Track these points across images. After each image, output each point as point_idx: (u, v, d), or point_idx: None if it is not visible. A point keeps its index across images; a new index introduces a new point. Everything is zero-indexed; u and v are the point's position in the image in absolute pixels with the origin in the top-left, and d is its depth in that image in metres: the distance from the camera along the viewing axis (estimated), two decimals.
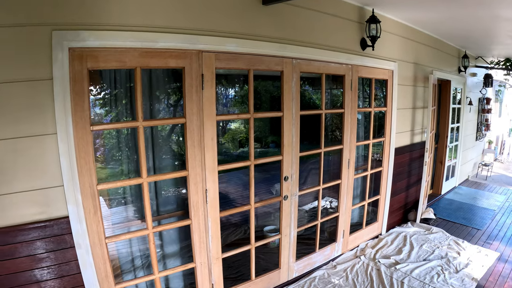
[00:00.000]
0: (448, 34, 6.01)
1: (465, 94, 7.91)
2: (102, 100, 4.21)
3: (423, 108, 6.00)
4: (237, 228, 5.43)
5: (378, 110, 4.99)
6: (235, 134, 12.00)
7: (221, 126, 12.90)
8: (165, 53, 2.76)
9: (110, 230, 4.02)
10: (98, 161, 4.16)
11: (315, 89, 9.35)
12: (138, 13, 2.61)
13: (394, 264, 4.44)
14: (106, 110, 4.35)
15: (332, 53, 3.98)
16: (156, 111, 3.78)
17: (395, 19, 4.90)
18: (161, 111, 3.99)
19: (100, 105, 4.29)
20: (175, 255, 3.94)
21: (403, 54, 5.21)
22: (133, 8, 2.59)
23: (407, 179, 5.88)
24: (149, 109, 3.62)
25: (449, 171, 7.88)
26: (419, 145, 6.02)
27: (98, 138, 4.33)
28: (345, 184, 4.51)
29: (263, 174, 7.42)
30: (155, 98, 3.72)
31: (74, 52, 2.37)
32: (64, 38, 2.31)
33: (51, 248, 2.48)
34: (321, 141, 4.12)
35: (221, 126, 12.88)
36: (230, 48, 3.09)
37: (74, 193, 2.49)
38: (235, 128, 12.37)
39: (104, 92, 4.09)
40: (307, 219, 5.62)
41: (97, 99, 4.11)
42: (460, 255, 4.72)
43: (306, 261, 4.27)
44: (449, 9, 4.28)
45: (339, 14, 4.05)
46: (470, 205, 6.94)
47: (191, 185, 3.07)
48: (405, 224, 5.80)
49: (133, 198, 3.64)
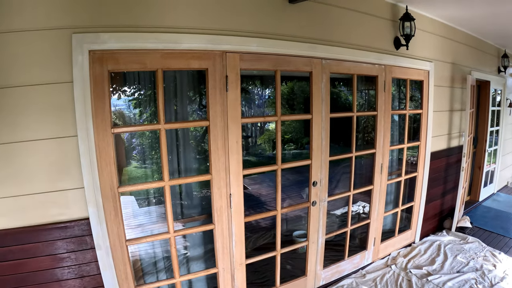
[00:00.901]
0: (487, 32, 5.72)
1: (505, 96, 7.54)
2: (134, 101, 4.23)
3: (461, 111, 5.73)
4: (267, 231, 5.34)
5: (413, 112, 4.77)
6: (272, 135, 11.94)
7: (259, 126, 12.87)
8: (187, 54, 2.70)
9: (136, 230, 4.02)
10: (129, 162, 4.17)
11: (350, 90, 9.12)
12: (160, 14, 2.58)
13: (426, 275, 4.22)
14: (140, 110, 4.37)
15: (364, 53, 3.82)
16: (182, 113, 3.74)
17: (430, 16, 4.67)
18: (189, 113, 3.95)
19: (134, 105, 4.31)
20: (199, 258, 3.90)
21: (439, 53, 4.98)
22: (155, 9, 2.55)
23: (443, 185, 5.62)
24: (174, 111, 3.58)
25: (488, 176, 7.52)
26: (456, 150, 5.75)
27: (134, 138, 4.36)
28: (377, 190, 4.32)
29: (297, 175, 7.28)
30: (181, 99, 3.67)
31: (95, 54, 2.38)
32: (84, 41, 2.33)
33: (71, 248, 2.53)
34: (352, 145, 3.95)
35: (259, 126, 12.85)
36: (255, 48, 2.99)
37: (95, 195, 2.51)
38: (273, 128, 12.27)
39: (131, 94, 4.10)
40: (338, 224, 5.47)
41: (129, 100, 4.13)
42: (496, 267, 4.45)
43: (334, 269, 4.12)
44: (488, 5, 4.04)
45: (371, 12, 3.88)
46: (509, 214, 6.58)
47: (215, 189, 3.00)
48: (440, 232, 5.55)
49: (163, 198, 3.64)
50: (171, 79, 3.58)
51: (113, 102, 4.07)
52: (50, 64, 2.30)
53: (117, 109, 4.38)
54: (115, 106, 4.28)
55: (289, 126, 11.44)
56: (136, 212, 4.36)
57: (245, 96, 10.54)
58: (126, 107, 4.38)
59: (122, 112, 4.51)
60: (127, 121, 4.51)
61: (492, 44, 6.69)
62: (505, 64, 6.96)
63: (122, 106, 4.34)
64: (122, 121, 4.55)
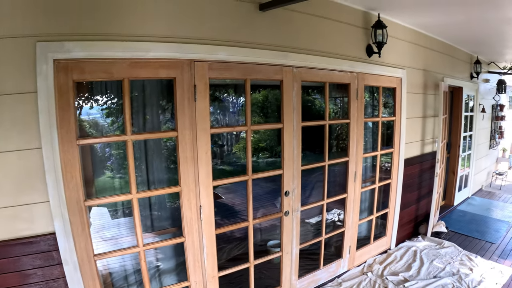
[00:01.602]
0: (459, 39, 5.81)
1: (477, 101, 7.68)
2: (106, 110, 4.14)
3: (434, 117, 5.79)
4: (242, 241, 5.25)
5: (386, 119, 4.79)
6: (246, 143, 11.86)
7: (235, 134, 12.84)
8: (155, 63, 2.64)
9: (109, 243, 3.92)
10: (103, 172, 4.07)
11: (324, 98, 9.09)
12: (126, 22, 2.52)
13: (402, 281, 4.22)
14: (112, 120, 4.28)
15: (336, 61, 3.81)
16: (153, 123, 3.67)
17: (403, 24, 4.71)
18: (161, 123, 3.88)
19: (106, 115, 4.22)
20: (172, 271, 3.83)
21: (412, 60, 5.02)
22: (121, 17, 2.49)
23: (417, 191, 5.66)
24: (143, 122, 3.51)
25: (462, 181, 7.63)
26: (430, 156, 5.80)
27: (108, 148, 4.26)
28: (351, 198, 4.31)
29: (271, 184, 7.14)
30: (152, 109, 3.61)
31: (59, 63, 2.31)
32: (48, 50, 2.25)
33: (38, 264, 2.44)
34: (325, 153, 3.93)
35: (234, 135, 12.82)
36: (224, 57, 2.94)
37: (61, 209, 2.42)
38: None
39: (103, 103, 4.02)
40: (313, 233, 5.44)
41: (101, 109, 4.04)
42: (473, 271, 4.49)
43: (310, 278, 4.08)
44: (460, 13, 4.10)
45: (343, 20, 3.88)
46: (484, 217, 6.68)
47: (184, 201, 2.93)
48: (416, 238, 5.58)
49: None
50: (141, 89, 3.51)
51: (88, 111, 4.01)
52: (14, 73, 2.22)
53: (91, 118, 4.28)
54: (89, 115, 4.18)
55: (264, 134, 11.43)
56: (109, 224, 4.26)
57: (219, 105, 10.49)
58: (101, 116, 4.29)
59: (97, 121, 4.40)
60: (101, 130, 4.41)
61: (465, 50, 6.80)
62: (478, 70, 7.09)
63: (97, 115, 4.25)
64: (96, 130, 4.44)
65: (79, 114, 3.63)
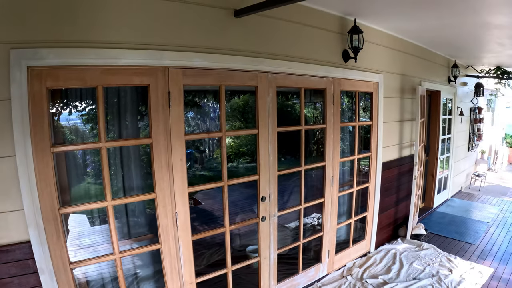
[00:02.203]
0: (436, 43, 5.91)
1: (455, 104, 7.80)
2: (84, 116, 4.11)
3: (412, 121, 5.86)
4: (221, 247, 5.21)
5: (363, 124, 4.83)
6: (227, 149, 11.88)
7: (216, 140, 12.89)
8: (128, 70, 2.63)
9: (87, 250, 3.88)
10: (83, 179, 4.04)
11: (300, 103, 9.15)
12: (100, 29, 2.51)
13: (382, 284, 4.25)
14: (91, 126, 4.25)
15: (311, 66, 3.84)
16: (129, 130, 3.65)
17: (380, 29, 4.77)
18: (138, 129, 3.86)
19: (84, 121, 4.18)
20: (150, 278, 3.80)
21: (388, 65, 5.08)
22: (95, 24, 2.48)
23: (396, 194, 5.72)
24: (119, 128, 3.49)
25: (441, 183, 7.74)
26: (408, 159, 5.87)
27: (88, 155, 4.22)
28: (328, 202, 4.33)
29: (250, 189, 7.11)
30: (127, 116, 3.59)
31: (33, 71, 2.28)
32: (22, 57, 2.23)
33: (14, 273, 2.41)
34: (301, 158, 3.94)
35: (216, 140, 12.86)
36: (199, 63, 2.95)
37: (35, 217, 2.39)
38: (227, 143, 12.29)
39: (82, 109, 3.99)
40: (292, 238, 5.42)
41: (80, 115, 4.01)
42: (452, 272, 4.54)
43: (289, 283, 4.08)
44: (436, 18, 4.16)
45: (319, 25, 3.91)
46: (463, 218, 6.78)
47: (160, 207, 2.92)
48: (395, 240, 5.63)
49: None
50: (117, 96, 3.50)
51: (67, 117, 3.96)
52: None
53: (71, 124, 4.25)
54: (68, 121, 4.14)
55: (244, 139, 11.48)
56: (87, 231, 4.22)
57: (198, 111, 10.49)
58: (80, 122, 4.26)
59: (77, 127, 4.37)
60: (82, 136, 4.38)
61: (442, 55, 6.91)
62: (455, 74, 7.20)
63: (77, 121, 4.21)
64: (77, 136, 4.41)
65: (57, 120, 3.60)
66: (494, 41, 5.38)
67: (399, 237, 5.71)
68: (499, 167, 12.48)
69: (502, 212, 7.18)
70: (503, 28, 4.47)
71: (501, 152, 12.85)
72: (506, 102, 14.20)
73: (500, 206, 7.68)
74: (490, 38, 5.26)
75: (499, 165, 12.54)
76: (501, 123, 14.34)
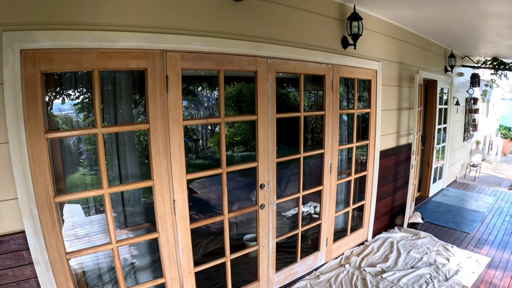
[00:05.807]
0: (435, 32, 5.86)
1: (451, 94, 7.79)
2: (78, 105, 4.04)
3: (409, 109, 5.84)
4: (218, 235, 5.19)
5: (362, 111, 4.80)
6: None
7: (210, 128, 12.82)
8: (125, 53, 2.55)
9: (83, 240, 3.83)
10: (77, 168, 3.97)
11: (299, 90, 9.13)
12: (96, 10, 2.41)
13: (380, 272, 4.25)
14: (85, 115, 4.18)
15: (311, 52, 3.78)
16: (126, 116, 3.58)
17: (379, 16, 4.72)
18: (134, 115, 3.80)
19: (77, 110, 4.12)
20: (147, 267, 3.76)
21: (387, 53, 5.04)
22: (90, 5, 2.39)
23: (393, 183, 5.71)
24: (115, 114, 3.42)
25: (437, 172, 7.76)
26: (405, 148, 5.86)
27: (81, 144, 4.16)
28: (327, 190, 4.30)
29: (247, 178, 7.15)
30: (124, 102, 3.52)
31: (27, 54, 2.20)
32: (15, 39, 2.14)
33: (8, 264, 2.33)
34: (300, 146, 3.90)
35: (209, 129, 12.79)
36: (197, 47, 2.86)
37: (30, 206, 2.32)
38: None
39: (75, 97, 3.92)
40: (289, 226, 5.42)
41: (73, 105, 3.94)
42: (450, 261, 4.55)
43: (288, 272, 4.06)
44: (435, 6, 4.11)
45: (318, 11, 3.85)
46: (459, 208, 6.79)
47: (158, 195, 2.85)
48: (392, 229, 5.62)
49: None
50: (113, 81, 3.43)
51: (60, 107, 3.90)
52: None
53: (63, 114, 4.17)
54: (61, 111, 4.07)
55: (238, 128, 11.41)
56: (82, 221, 4.16)
57: (192, 99, 10.40)
58: (73, 112, 4.19)
59: (70, 117, 4.30)
60: (75, 126, 4.30)
61: (440, 44, 6.89)
62: (452, 63, 7.18)
63: (69, 111, 4.14)
64: (70, 126, 4.33)
65: (50, 109, 3.53)
66: (493, 31, 5.34)
67: (396, 226, 5.71)
68: (494, 158, 12.54)
69: (498, 202, 7.21)
70: (502, 17, 4.44)
71: (495, 143, 12.92)
72: (501, 93, 14.27)
73: (496, 196, 7.72)
74: (488, 28, 5.22)
75: (494, 156, 12.59)
76: (496, 114, 14.41)
